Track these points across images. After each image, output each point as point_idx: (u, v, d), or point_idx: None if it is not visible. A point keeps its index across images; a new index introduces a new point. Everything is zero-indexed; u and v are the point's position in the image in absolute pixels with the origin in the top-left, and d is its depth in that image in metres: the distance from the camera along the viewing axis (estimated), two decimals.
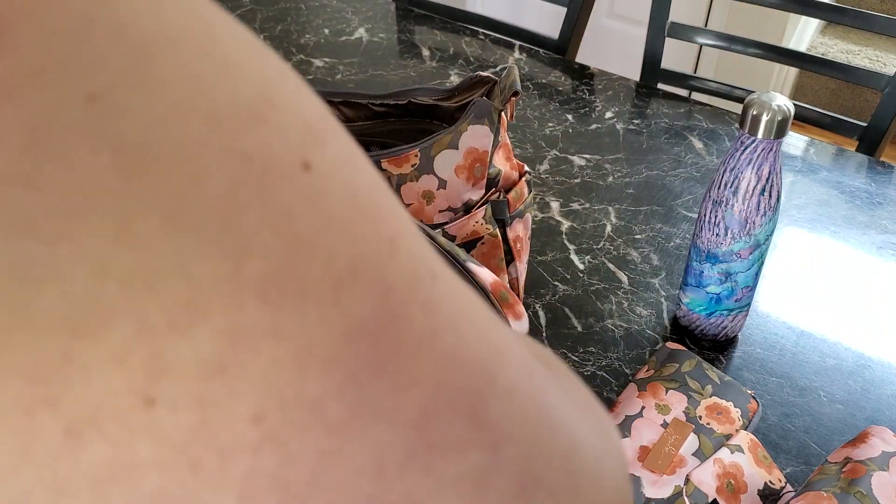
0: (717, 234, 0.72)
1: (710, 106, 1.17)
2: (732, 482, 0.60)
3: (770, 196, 0.69)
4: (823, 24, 2.58)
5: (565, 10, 1.38)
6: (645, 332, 0.81)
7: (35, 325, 0.14)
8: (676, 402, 0.68)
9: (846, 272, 0.89)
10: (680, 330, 0.81)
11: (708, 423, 0.67)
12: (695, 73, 2.33)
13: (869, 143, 1.18)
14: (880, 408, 0.74)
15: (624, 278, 0.88)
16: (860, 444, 0.61)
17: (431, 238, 0.54)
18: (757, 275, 0.75)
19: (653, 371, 0.73)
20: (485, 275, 0.52)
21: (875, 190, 1.01)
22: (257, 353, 0.15)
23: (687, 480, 0.60)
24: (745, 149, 0.68)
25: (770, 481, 0.62)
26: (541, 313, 0.83)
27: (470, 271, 0.52)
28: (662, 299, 0.85)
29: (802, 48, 2.43)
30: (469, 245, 0.71)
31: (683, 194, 1.00)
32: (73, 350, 0.14)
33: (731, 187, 0.69)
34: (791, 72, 2.42)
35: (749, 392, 0.71)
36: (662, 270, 0.89)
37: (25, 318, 0.14)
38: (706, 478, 0.60)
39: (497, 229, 0.71)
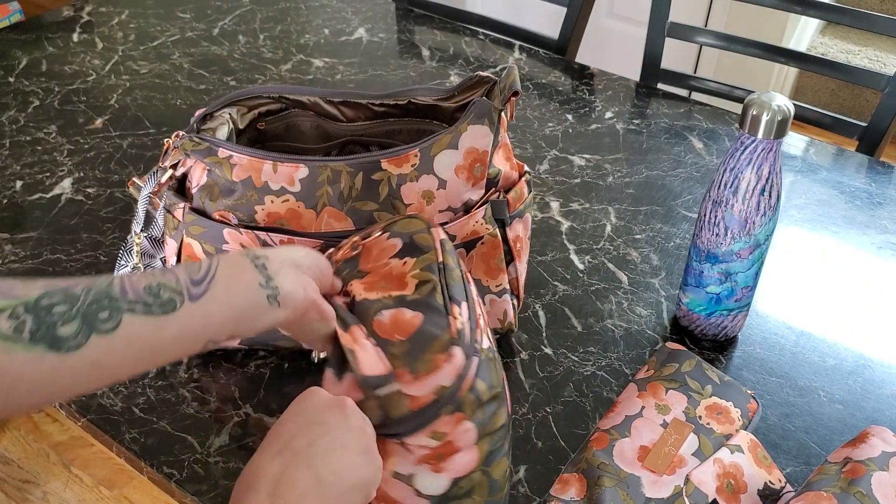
0: (716, 234, 0.72)
1: (710, 106, 1.17)
2: (732, 482, 0.60)
3: (770, 196, 0.69)
4: (823, 24, 2.58)
5: (565, 10, 1.38)
6: (645, 332, 0.81)
7: None
8: (676, 402, 0.68)
9: (846, 272, 0.89)
10: (680, 330, 0.81)
11: (708, 423, 0.67)
12: (695, 73, 2.33)
13: (869, 143, 1.18)
14: (880, 408, 0.74)
15: (624, 278, 0.88)
16: (860, 444, 0.61)
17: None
18: (757, 275, 0.75)
19: (653, 371, 0.73)
20: None
21: (875, 190, 1.01)
22: None
23: (687, 480, 0.60)
24: (745, 149, 0.68)
25: (770, 481, 0.62)
26: (541, 313, 0.83)
27: None
28: (662, 299, 0.85)
29: (802, 48, 2.43)
30: (469, 245, 0.71)
31: (683, 194, 1.00)
32: None
33: (730, 187, 0.69)
34: (791, 72, 2.42)
35: (749, 392, 0.71)
36: (662, 270, 0.89)
37: None
38: (706, 478, 0.60)
39: (497, 229, 0.71)
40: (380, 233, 0.61)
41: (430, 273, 0.56)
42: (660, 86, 1.37)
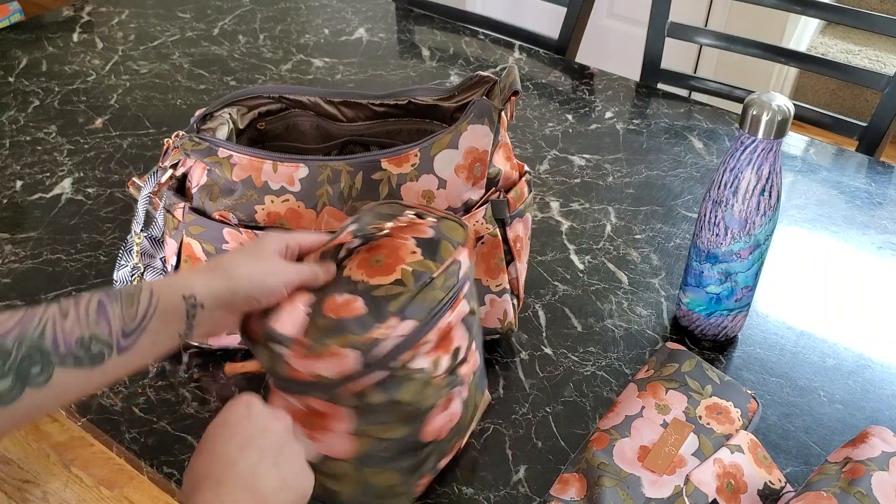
0: (716, 234, 0.72)
1: (710, 106, 1.17)
2: (732, 482, 0.60)
3: (770, 196, 0.69)
4: (823, 24, 2.58)
5: (565, 10, 1.38)
6: (645, 332, 0.81)
7: None
8: (676, 402, 0.68)
9: (846, 272, 0.89)
10: (680, 330, 0.81)
11: (708, 423, 0.67)
12: (695, 73, 2.33)
13: (869, 143, 1.18)
14: (880, 408, 0.74)
15: (624, 278, 0.88)
16: (860, 444, 0.61)
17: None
18: (757, 275, 0.75)
19: (653, 371, 0.73)
20: None
21: (875, 190, 1.01)
22: None
23: (687, 480, 0.60)
24: (745, 149, 0.68)
25: (770, 481, 0.62)
26: (541, 313, 0.83)
27: None
28: (662, 299, 0.85)
29: (802, 48, 2.43)
30: None
31: (683, 194, 1.00)
32: None
33: (730, 187, 0.69)
34: (791, 72, 2.42)
35: (749, 392, 0.71)
36: (662, 270, 0.89)
37: None
38: (706, 478, 0.60)
39: (497, 229, 0.71)
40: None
41: (413, 278, 0.56)
42: (660, 86, 1.37)
